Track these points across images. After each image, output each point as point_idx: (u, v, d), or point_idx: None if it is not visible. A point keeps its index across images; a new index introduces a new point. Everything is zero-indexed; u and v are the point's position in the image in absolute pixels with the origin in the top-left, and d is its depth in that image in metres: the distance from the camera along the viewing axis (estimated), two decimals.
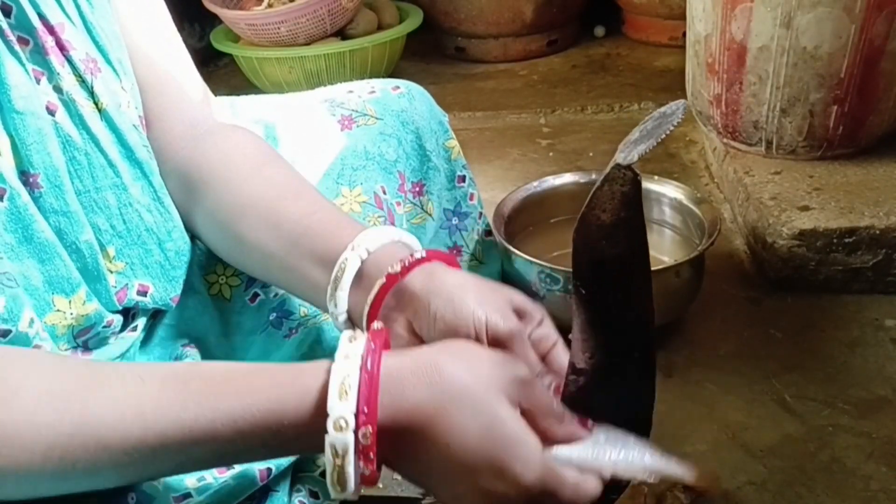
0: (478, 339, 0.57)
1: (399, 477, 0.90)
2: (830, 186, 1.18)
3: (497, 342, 0.57)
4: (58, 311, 0.58)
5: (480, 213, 1.00)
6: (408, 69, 2.15)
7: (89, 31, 0.61)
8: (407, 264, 0.60)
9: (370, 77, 1.25)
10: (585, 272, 0.53)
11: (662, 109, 0.50)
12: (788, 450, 0.86)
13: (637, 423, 0.60)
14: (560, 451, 0.52)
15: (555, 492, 0.49)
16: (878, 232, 1.08)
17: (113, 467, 0.46)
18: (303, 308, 0.74)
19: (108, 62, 0.62)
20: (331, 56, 1.90)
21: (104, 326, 0.62)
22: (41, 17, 0.57)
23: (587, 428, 0.55)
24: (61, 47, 0.59)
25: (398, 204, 0.86)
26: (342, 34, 1.98)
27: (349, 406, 0.45)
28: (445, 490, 0.49)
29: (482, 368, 0.50)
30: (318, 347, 0.72)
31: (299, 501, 0.64)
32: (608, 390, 0.56)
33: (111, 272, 0.63)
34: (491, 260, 1.01)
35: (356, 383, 0.46)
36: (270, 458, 0.51)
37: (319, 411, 0.46)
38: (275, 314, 0.74)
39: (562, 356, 0.59)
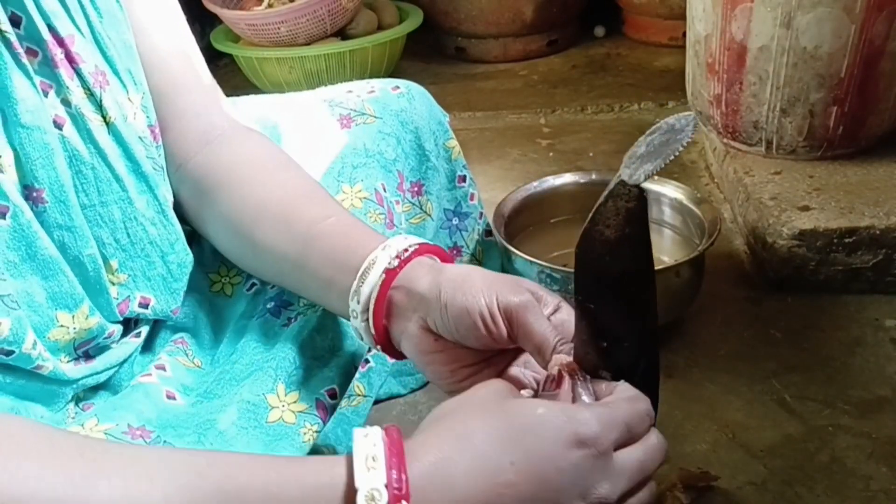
0: (493, 320, 0.56)
1: None
2: (830, 186, 1.18)
3: (511, 318, 0.56)
4: (61, 326, 0.58)
5: (481, 214, 1.00)
6: (408, 69, 2.15)
7: (98, 43, 0.61)
8: (403, 258, 0.60)
9: (370, 77, 1.25)
10: (589, 288, 0.52)
11: (671, 122, 0.49)
12: (788, 450, 0.86)
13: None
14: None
15: (621, 421, 0.48)
16: (878, 232, 1.08)
17: None
18: (302, 299, 0.74)
19: (116, 73, 0.62)
20: (331, 56, 1.90)
21: (105, 337, 0.62)
22: (51, 28, 0.57)
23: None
24: (70, 60, 0.58)
25: (397, 203, 0.86)
26: (342, 34, 1.98)
27: (378, 478, 0.42)
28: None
29: (484, 402, 0.48)
30: (317, 336, 0.71)
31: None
32: None
33: (113, 284, 0.63)
34: (491, 260, 1.02)
35: (382, 456, 0.44)
36: None
37: (351, 489, 0.43)
38: (273, 303, 0.73)
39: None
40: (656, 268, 0.99)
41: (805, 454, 0.85)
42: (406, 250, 0.61)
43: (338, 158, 0.81)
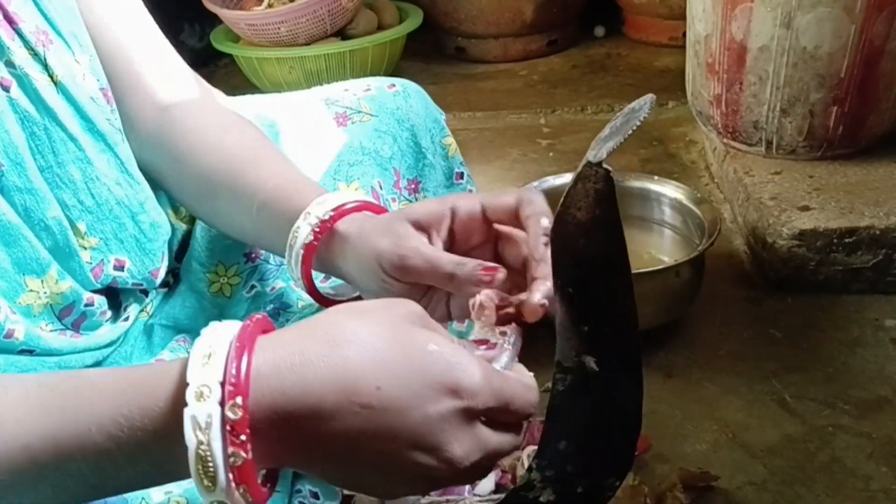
0: (385, 275, 0.55)
1: None
2: (830, 186, 1.18)
3: (399, 273, 0.55)
4: (31, 291, 0.58)
5: None
6: (408, 69, 2.15)
7: (36, 4, 0.60)
8: (318, 229, 0.59)
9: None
10: (566, 271, 0.53)
11: (631, 105, 0.51)
12: (788, 450, 0.86)
13: (627, 418, 0.60)
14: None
15: (506, 396, 0.44)
16: (878, 232, 1.08)
17: None
18: (301, 301, 0.74)
19: (59, 34, 0.61)
20: (331, 56, 1.90)
21: (86, 305, 0.62)
22: None
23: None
24: (9, 20, 0.57)
25: (393, 200, 0.86)
26: (342, 34, 1.98)
27: (213, 373, 0.38)
28: (396, 463, 0.42)
29: (377, 312, 0.44)
30: None
31: (299, 502, 0.64)
32: (596, 387, 0.57)
33: (84, 248, 0.62)
34: None
35: (223, 351, 0.39)
36: (166, 478, 0.42)
37: (181, 390, 0.39)
38: (272, 306, 0.73)
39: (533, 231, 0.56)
40: (656, 268, 1.00)
41: (805, 454, 0.85)
42: (323, 220, 0.60)
43: (336, 157, 0.81)
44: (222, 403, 0.38)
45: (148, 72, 0.70)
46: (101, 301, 0.64)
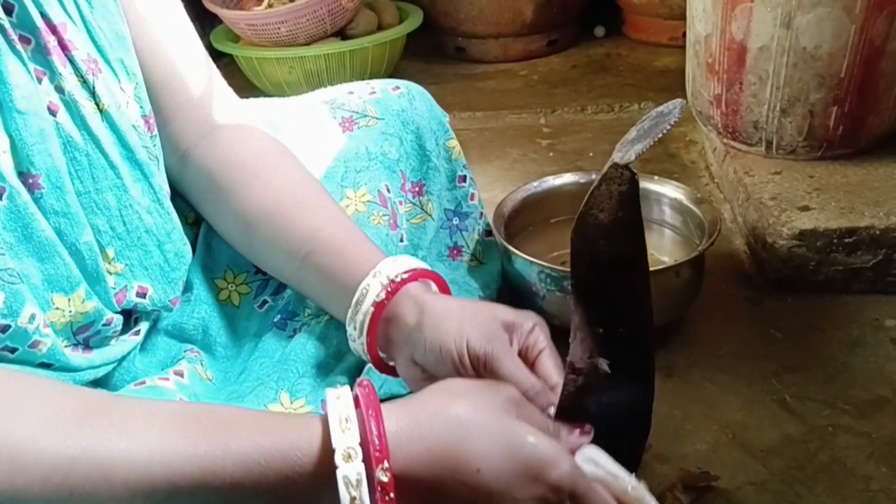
0: (462, 365, 0.58)
1: None
2: (830, 186, 1.18)
3: (481, 365, 0.58)
4: (57, 308, 0.58)
5: (481, 213, 1.00)
6: (408, 69, 2.15)
7: (89, 32, 0.61)
8: (390, 289, 0.62)
9: (370, 77, 1.25)
10: (584, 272, 0.53)
11: (660, 108, 0.50)
12: (788, 450, 0.86)
13: (636, 421, 0.60)
14: (586, 450, 0.53)
15: (585, 493, 0.50)
16: (878, 232, 1.08)
17: (112, 502, 0.43)
18: (307, 310, 0.74)
19: (107, 62, 0.62)
20: (331, 56, 1.90)
21: (104, 325, 0.62)
22: (43, 16, 0.57)
23: (586, 432, 0.56)
24: (63, 47, 0.58)
25: (400, 203, 0.86)
26: (342, 34, 1.98)
27: (353, 436, 0.45)
28: None
29: (479, 396, 0.50)
30: (321, 345, 0.72)
31: None
32: (607, 389, 0.56)
33: (110, 273, 0.63)
34: (491, 260, 1.01)
35: (354, 417, 0.46)
36: None
37: (327, 449, 0.46)
38: (279, 316, 0.74)
39: (546, 364, 0.60)
40: (656, 268, 1.00)
41: (805, 454, 0.85)
42: (395, 279, 0.62)
43: (339, 162, 0.81)
44: (366, 462, 0.45)
45: (196, 93, 0.72)
46: (118, 320, 0.64)
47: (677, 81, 1.57)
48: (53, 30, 0.58)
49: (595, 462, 0.54)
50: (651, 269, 1.01)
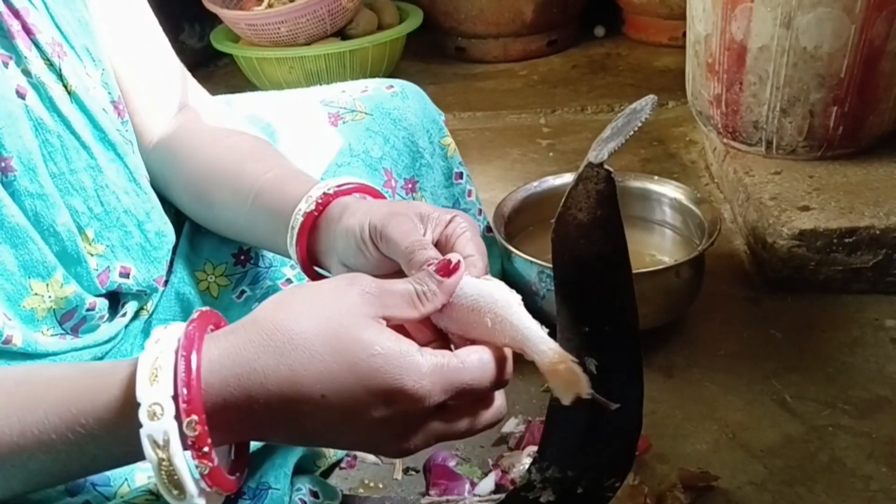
0: (364, 242, 0.55)
1: (400, 477, 0.90)
2: (830, 186, 1.18)
3: (378, 235, 0.55)
4: (35, 294, 0.58)
5: (479, 210, 1.00)
6: (408, 69, 2.15)
7: (51, 17, 0.61)
8: (321, 200, 0.60)
9: (370, 77, 1.25)
10: (567, 272, 0.53)
11: (633, 106, 0.50)
12: (788, 450, 0.86)
13: (627, 419, 0.60)
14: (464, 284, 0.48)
15: (460, 385, 0.44)
16: (878, 232, 1.08)
17: None
18: None
19: (72, 47, 0.62)
20: (331, 56, 1.90)
21: (88, 310, 0.62)
22: (5, 1, 0.57)
23: (455, 268, 0.49)
24: (27, 31, 0.58)
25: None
26: (342, 34, 1.98)
27: (163, 389, 0.39)
28: (345, 442, 0.46)
29: (324, 307, 0.44)
30: None
31: (300, 500, 0.64)
32: (596, 388, 0.56)
33: (91, 255, 0.62)
34: (490, 258, 1.01)
35: (169, 365, 0.40)
36: (121, 464, 0.45)
37: (130, 401, 0.40)
38: (257, 304, 0.74)
39: (463, 244, 0.54)
40: (656, 268, 1.00)
41: (805, 454, 0.85)
42: (328, 192, 0.61)
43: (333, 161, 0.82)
44: (178, 418, 0.39)
45: (161, 82, 0.72)
46: (102, 304, 0.64)
47: (677, 81, 1.57)
48: (16, 14, 0.58)
49: (481, 294, 0.47)
50: (651, 269, 1.02)
